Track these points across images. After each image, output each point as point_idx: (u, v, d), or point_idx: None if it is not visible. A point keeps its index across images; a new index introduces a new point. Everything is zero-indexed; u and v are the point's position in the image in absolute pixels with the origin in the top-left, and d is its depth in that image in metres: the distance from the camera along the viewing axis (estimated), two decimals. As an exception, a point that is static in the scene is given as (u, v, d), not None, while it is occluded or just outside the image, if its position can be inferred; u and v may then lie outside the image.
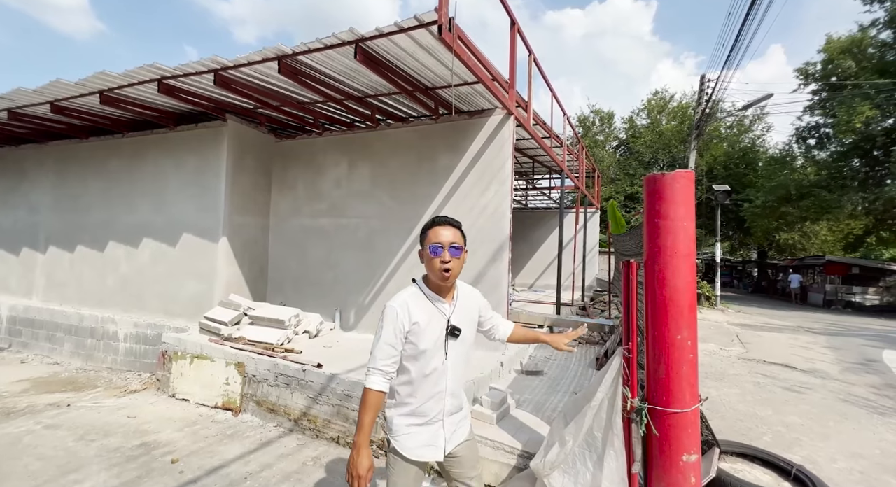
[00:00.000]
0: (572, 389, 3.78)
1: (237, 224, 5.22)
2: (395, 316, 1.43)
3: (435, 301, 1.50)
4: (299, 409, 3.41)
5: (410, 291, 1.51)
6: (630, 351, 1.93)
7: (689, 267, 1.79)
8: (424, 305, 1.48)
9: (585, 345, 5.71)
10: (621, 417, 1.89)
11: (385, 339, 1.42)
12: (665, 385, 1.77)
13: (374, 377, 1.42)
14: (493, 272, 4.40)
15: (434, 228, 1.49)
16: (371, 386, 1.41)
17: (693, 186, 1.85)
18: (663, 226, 1.81)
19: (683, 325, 1.77)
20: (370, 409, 1.39)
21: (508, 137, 4.42)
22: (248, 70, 3.92)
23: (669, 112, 23.58)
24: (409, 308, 1.45)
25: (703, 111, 10.92)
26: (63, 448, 3.17)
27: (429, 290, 1.51)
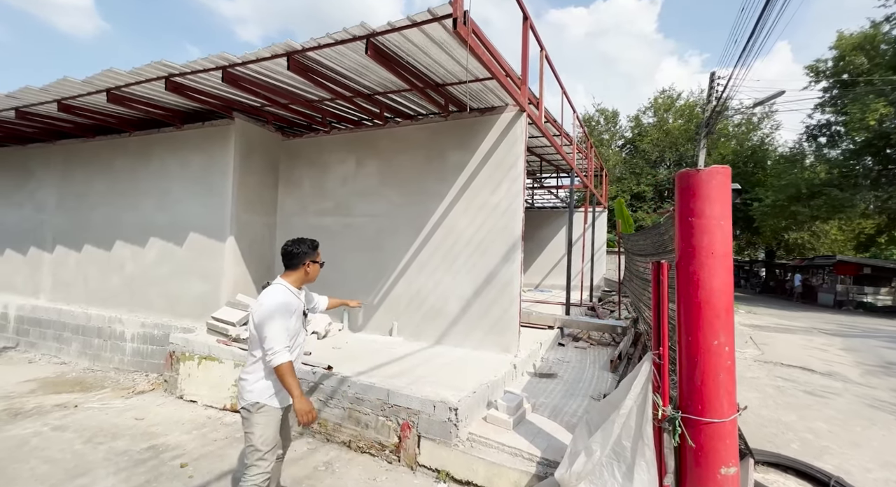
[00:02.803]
0: (589, 393, 3.69)
1: (244, 222, 5.16)
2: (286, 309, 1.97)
3: (297, 295, 2.12)
4: (309, 412, 3.34)
5: (283, 290, 2.06)
6: (661, 356, 1.84)
7: (726, 268, 1.70)
8: (293, 299, 2.07)
9: (597, 347, 5.61)
10: (652, 426, 1.79)
11: (284, 324, 1.94)
12: (700, 393, 1.68)
13: (286, 353, 1.91)
14: (505, 272, 4.31)
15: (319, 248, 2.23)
16: (287, 359, 1.91)
17: (730, 183, 1.75)
18: (698, 225, 1.72)
19: (720, 330, 1.67)
20: (294, 374, 1.93)
21: (520, 134, 4.33)
22: (256, 67, 3.86)
23: (676, 110, 23.35)
24: (289, 302, 2.02)
25: (714, 109, 10.75)
26: (71, 450, 3.11)
27: (294, 288, 2.12)
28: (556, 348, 5.44)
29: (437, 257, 4.69)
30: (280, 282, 2.09)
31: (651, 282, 1.92)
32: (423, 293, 4.76)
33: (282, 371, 1.88)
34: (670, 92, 23.92)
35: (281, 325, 1.91)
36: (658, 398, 1.81)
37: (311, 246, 2.15)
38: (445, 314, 4.61)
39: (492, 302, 4.36)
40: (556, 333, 5.62)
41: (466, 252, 4.54)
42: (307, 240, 2.16)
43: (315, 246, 2.17)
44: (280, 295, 2.00)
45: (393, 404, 2.95)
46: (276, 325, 1.90)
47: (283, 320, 1.93)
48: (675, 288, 1.83)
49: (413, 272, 4.84)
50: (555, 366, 4.58)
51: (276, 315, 1.92)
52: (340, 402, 3.21)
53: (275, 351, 1.88)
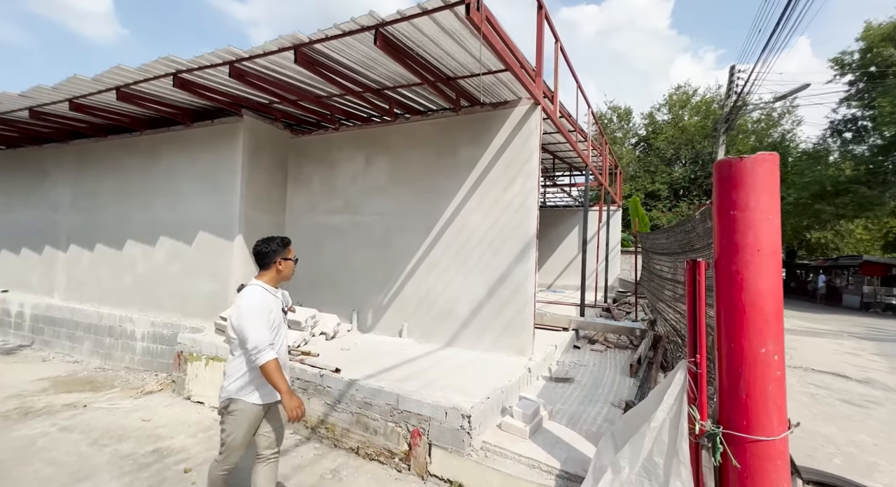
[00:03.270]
0: (609, 399, 3.50)
1: (252, 221, 5.10)
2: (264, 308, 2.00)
3: (274, 293, 2.14)
4: (317, 416, 3.23)
5: (259, 291, 2.06)
6: (698, 364, 1.66)
7: (775, 267, 1.51)
8: (271, 298, 2.09)
9: (614, 350, 5.39)
10: (688, 442, 1.62)
11: (263, 325, 1.96)
12: (745, 407, 1.50)
13: (270, 352, 1.94)
14: (519, 272, 4.14)
15: (291, 246, 2.21)
16: (272, 357, 1.93)
17: (778, 171, 1.57)
18: (742, 219, 1.54)
19: (768, 336, 1.49)
20: (280, 371, 1.96)
21: (535, 129, 4.16)
22: (263, 61, 3.77)
23: (692, 107, 22.77)
24: (266, 301, 2.04)
25: (735, 103, 10.37)
26: (76, 453, 3.06)
27: (271, 287, 2.12)
28: (571, 351, 5.24)
29: (449, 256, 4.55)
30: (255, 283, 2.11)
31: (686, 282, 1.74)
32: (433, 293, 4.62)
33: (268, 369, 1.91)
34: (686, 88, 23.35)
35: (262, 325, 1.95)
36: (695, 410, 1.63)
37: (280, 243, 2.15)
38: (457, 315, 4.46)
39: (505, 303, 4.20)
40: (570, 335, 5.42)
41: (478, 251, 4.38)
42: (277, 238, 2.17)
43: (285, 244, 2.17)
44: (257, 296, 2.03)
45: (403, 409, 2.82)
46: (257, 325, 1.94)
47: (263, 319, 1.97)
48: (712, 290, 1.65)
49: (423, 271, 4.70)
50: (571, 370, 4.39)
51: (256, 315, 1.96)
52: (348, 406, 3.09)
53: (259, 351, 1.91)
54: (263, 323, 1.95)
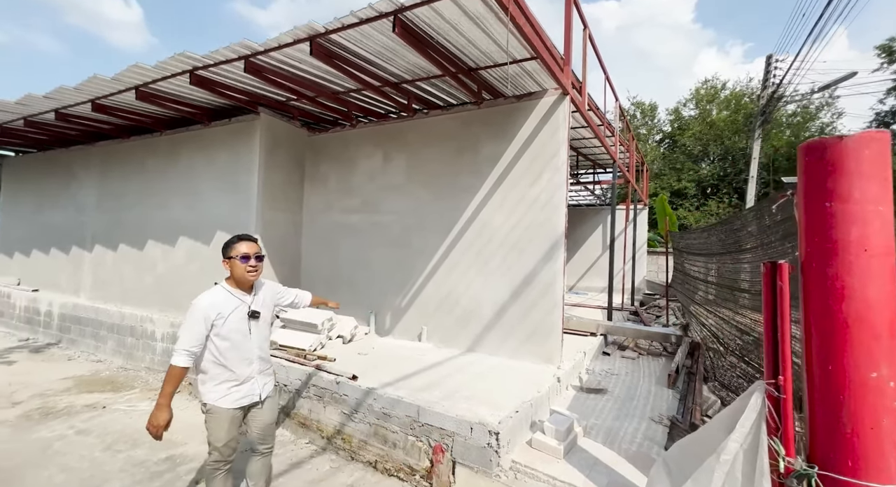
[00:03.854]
0: (647, 414, 3.19)
1: (269, 220, 5.01)
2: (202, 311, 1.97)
3: (238, 296, 2.09)
4: (333, 426, 3.06)
5: (215, 291, 2.07)
6: (781, 388, 1.38)
7: (888, 270, 1.22)
8: (229, 299, 2.05)
9: (647, 357, 5.04)
10: (770, 482, 1.34)
11: (192, 328, 1.94)
12: (850, 444, 1.22)
13: (184, 357, 1.92)
14: (546, 273, 3.88)
15: (241, 242, 2.09)
16: (180, 363, 1.91)
17: (890, 154, 1.27)
18: (842, 213, 1.25)
19: (880, 358, 1.20)
20: (176, 381, 1.93)
21: (563, 120, 3.88)
22: (279, 55, 3.65)
23: (721, 101, 21.75)
24: (216, 304, 2.00)
25: (773, 94, 9.73)
26: (90, 458, 2.99)
27: (235, 289, 2.10)
28: (600, 358, 4.93)
29: (470, 256, 4.32)
30: (220, 284, 2.13)
31: (763, 289, 1.46)
32: (454, 295, 4.41)
33: (170, 371, 1.91)
34: (714, 82, 22.32)
35: (188, 328, 1.95)
36: (778, 444, 1.35)
37: (227, 243, 2.12)
38: (479, 318, 4.23)
39: (531, 306, 3.94)
40: (599, 341, 5.10)
41: (502, 250, 4.14)
42: (231, 237, 2.15)
43: (230, 242, 2.11)
44: (205, 298, 2.02)
45: (424, 423, 2.61)
46: (184, 327, 1.96)
47: (191, 323, 1.96)
48: (798, 298, 1.37)
49: (443, 272, 4.49)
50: (604, 380, 4.09)
51: (189, 317, 1.97)
52: (366, 417, 2.90)
53: (174, 350, 1.93)
54: (194, 325, 1.95)
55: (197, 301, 2.01)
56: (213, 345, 2.00)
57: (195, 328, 1.95)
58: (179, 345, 1.93)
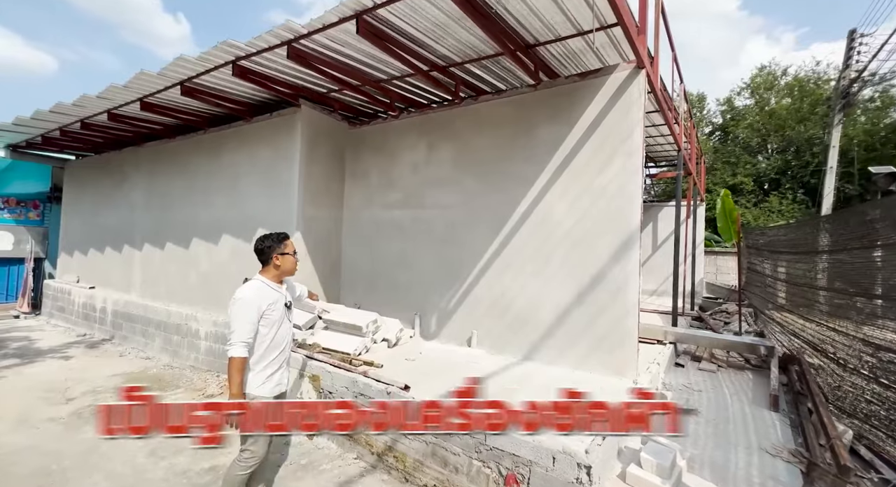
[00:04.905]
0: (754, 442, 2.65)
1: (310, 217, 4.83)
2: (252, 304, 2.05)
3: (276, 289, 2.21)
4: (384, 441, 2.75)
5: (256, 284, 2.15)
6: None
7: None
8: (270, 293, 2.16)
9: (727, 370, 4.40)
10: None
11: (248, 319, 2.01)
12: None
13: (241, 348, 1.99)
14: (617, 273, 3.40)
15: (289, 239, 2.28)
16: (241, 354, 1.98)
17: None
18: None
19: None
20: (242, 371, 1.99)
21: (638, 97, 3.39)
22: (323, 39, 3.42)
23: (781, 88, 19.94)
24: (262, 295, 2.11)
25: (860, 75, 8.56)
26: (132, 464, 2.85)
27: (272, 283, 2.21)
28: (673, 369, 4.35)
29: (526, 254, 3.91)
30: (257, 278, 2.17)
31: None
32: (507, 297, 4.00)
33: (231, 363, 1.94)
34: (772, 68, 20.52)
35: (243, 319, 1.99)
36: None
37: (276, 239, 2.20)
38: (536, 323, 3.80)
39: (599, 311, 3.47)
40: (669, 350, 4.51)
41: (564, 247, 3.69)
42: (273, 235, 2.21)
43: (281, 239, 2.21)
44: (250, 290, 2.08)
45: (493, 446, 2.23)
46: (239, 319, 1.99)
47: (246, 314, 2.00)
48: None
49: (495, 272, 4.10)
50: (685, 397, 3.53)
51: (242, 309, 2.01)
52: (421, 434, 2.56)
53: (231, 343, 1.97)
54: (249, 316, 2.00)
55: (244, 293, 2.05)
56: (259, 336, 2.07)
57: (250, 318, 2.00)
58: (237, 337, 1.96)
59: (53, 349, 5.95)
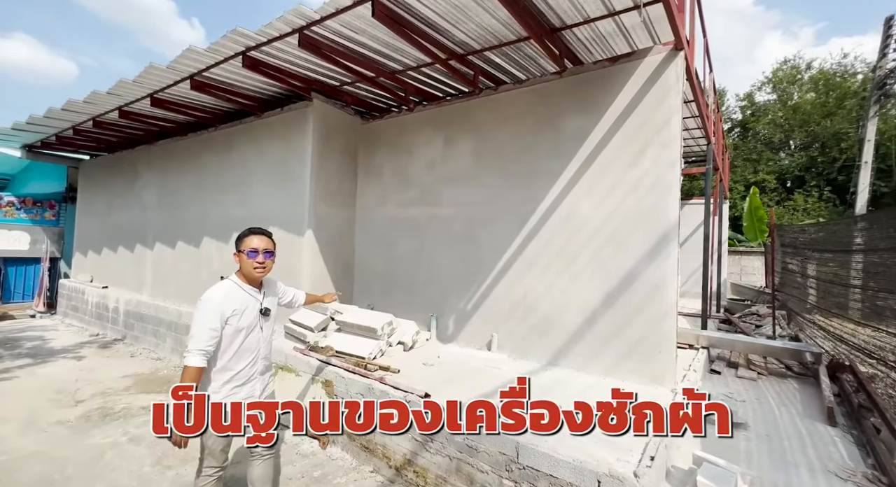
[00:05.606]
0: (816, 461, 2.36)
1: (322, 215, 4.66)
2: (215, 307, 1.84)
3: (249, 291, 1.99)
4: (402, 454, 2.55)
5: (225, 285, 1.95)
6: None
7: None
8: (240, 295, 1.94)
9: (768, 377, 4.09)
10: None
11: (207, 324, 1.81)
12: None
13: (198, 357, 1.78)
14: (653, 272, 3.13)
15: (251, 236, 2.00)
16: (196, 364, 1.77)
17: None
18: None
19: None
20: (194, 381, 1.77)
21: (675, 82, 3.13)
22: (336, 25, 3.24)
23: (805, 83, 19.22)
24: (229, 298, 1.90)
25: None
26: (138, 474, 2.70)
27: (246, 284, 1.99)
28: (709, 377, 4.05)
29: (550, 253, 3.67)
30: (230, 278, 2.00)
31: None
32: (530, 298, 3.77)
33: (184, 373, 1.77)
34: (796, 61, 19.79)
35: (202, 325, 1.82)
36: None
37: (239, 235, 2.01)
38: (562, 326, 3.56)
39: (633, 314, 3.21)
40: (703, 356, 4.22)
41: (592, 246, 3.44)
42: (244, 230, 2.03)
43: (240, 235, 2.00)
44: (217, 291, 1.90)
45: (526, 465, 2.00)
46: (199, 322, 1.83)
47: (207, 320, 1.82)
48: None
49: (516, 272, 3.87)
50: (736, 409, 3.24)
51: (203, 312, 1.84)
52: (444, 447, 2.35)
53: (188, 350, 1.79)
54: (209, 321, 1.82)
55: (209, 295, 1.87)
56: (222, 343, 1.88)
57: (211, 324, 1.81)
58: (194, 345, 1.77)
59: (66, 349, 5.91)
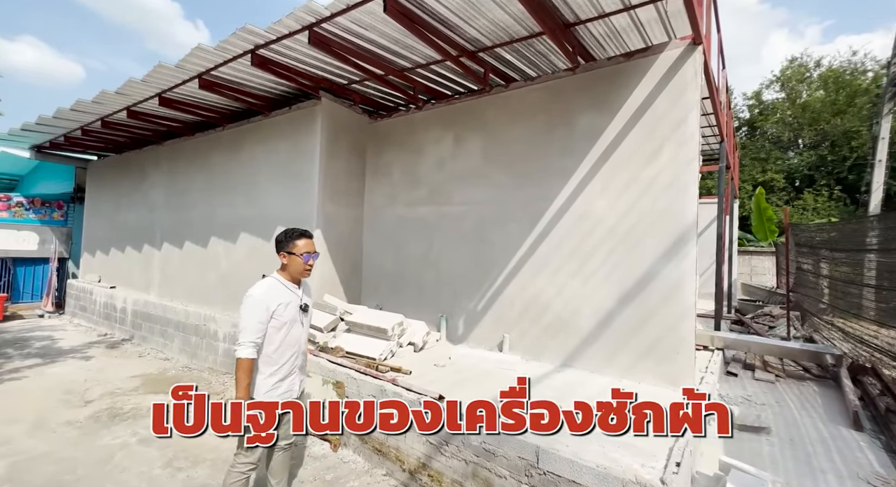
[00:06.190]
0: (845, 470, 2.29)
1: (330, 215, 4.63)
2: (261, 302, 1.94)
3: (291, 288, 2.08)
4: (416, 457, 2.49)
5: (268, 282, 2.05)
6: None
7: None
8: (282, 291, 2.04)
9: (786, 380, 4.00)
10: None
11: (256, 318, 1.92)
12: None
13: (250, 349, 1.89)
14: (670, 272, 3.06)
15: (303, 239, 2.10)
16: (249, 355, 1.88)
17: None
18: None
19: None
20: (250, 373, 1.90)
21: (693, 77, 3.06)
22: (346, 21, 3.19)
23: (813, 81, 18.99)
24: (272, 294, 2.00)
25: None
26: (148, 476, 2.67)
27: (287, 281, 2.08)
28: (725, 379, 3.97)
29: (563, 252, 3.60)
30: (272, 276, 2.08)
31: None
32: (542, 299, 3.71)
33: (238, 365, 1.86)
34: (804, 59, 19.57)
35: (251, 318, 1.91)
36: None
37: (286, 235, 2.07)
38: (575, 328, 3.49)
39: (648, 315, 3.14)
40: (719, 357, 4.13)
41: (606, 245, 3.38)
42: (290, 230, 2.08)
43: (293, 236, 2.06)
44: (261, 287, 1.99)
45: (547, 470, 1.94)
46: (247, 318, 1.91)
47: (255, 313, 1.91)
48: None
49: (528, 272, 3.81)
50: (759, 413, 3.15)
51: (252, 306, 1.92)
52: (460, 451, 2.29)
53: (239, 343, 1.89)
54: (254, 316, 1.91)
55: (255, 291, 1.96)
56: (267, 337, 1.96)
57: (259, 317, 1.90)
58: (245, 338, 1.87)
59: (74, 349, 5.91)
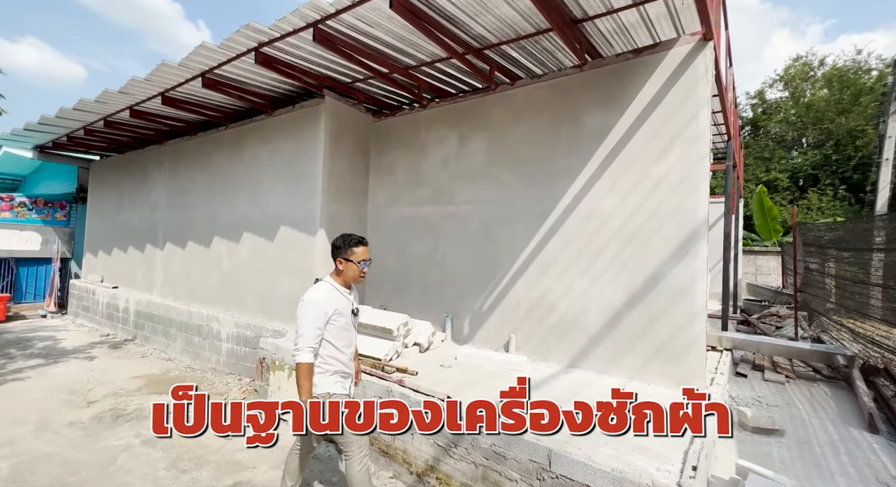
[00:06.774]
0: (864, 474, 2.24)
1: (334, 214, 4.59)
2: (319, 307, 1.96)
3: (344, 293, 2.11)
4: (424, 460, 2.46)
5: (323, 287, 2.06)
6: None
7: None
8: (337, 297, 2.05)
9: (796, 381, 3.94)
10: None
11: (315, 324, 1.93)
12: None
13: (308, 354, 1.90)
14: (680, 272, 3.02)
15: (361, 247, 2.09)
16: (308, 360, 1.89)
17: None
18: None
19: None
20: (310, 375, 1.90)
21: (704, 74, 3.01)
22: (351, 18, 3.15)
23: (817, 80, 18.88)
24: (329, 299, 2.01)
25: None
26: (153, 478, 2.63)
27: (340, 286, 2.10)
28: (735, 380, 3.92)
29: (570, 252, 3.56)
30: (326, 280, 2.09)
31: None
32: (549, 299, 3.66)
33: (299, 369, 1.87)
34: (808, 58, 19.46)
35: (310, 324, 1.92)
36: None
37: (344, 241, 2.07)
38: (582, 328, 3.45)
39: (658, 315, 3.09)
40: (728, 358, 4.08)
41: (614, 245, 3.33)
42: (347, 236, 2.09)
43: (351, 243, 2.06)
44: (317, 292, 2.00)
45: (559, 474, 1.90)
46: (307, 323, 1.92)
47: (313, 318, 1.92)
48: None
49: (535, 272, 3.77)
50: (773, 415, 3.10)
51: (309, 311, 1.93)
52: (470, 454, 2.26)
53: (298, 348, 1.90)
54: (313, 322, 1.92)
55: (313, 296, 1.97)
56: (328, 339, 1.98)
57: (317, 323, 1.92)
58: (304, 343, 1.88)
59: (77, 349, 5.90)
